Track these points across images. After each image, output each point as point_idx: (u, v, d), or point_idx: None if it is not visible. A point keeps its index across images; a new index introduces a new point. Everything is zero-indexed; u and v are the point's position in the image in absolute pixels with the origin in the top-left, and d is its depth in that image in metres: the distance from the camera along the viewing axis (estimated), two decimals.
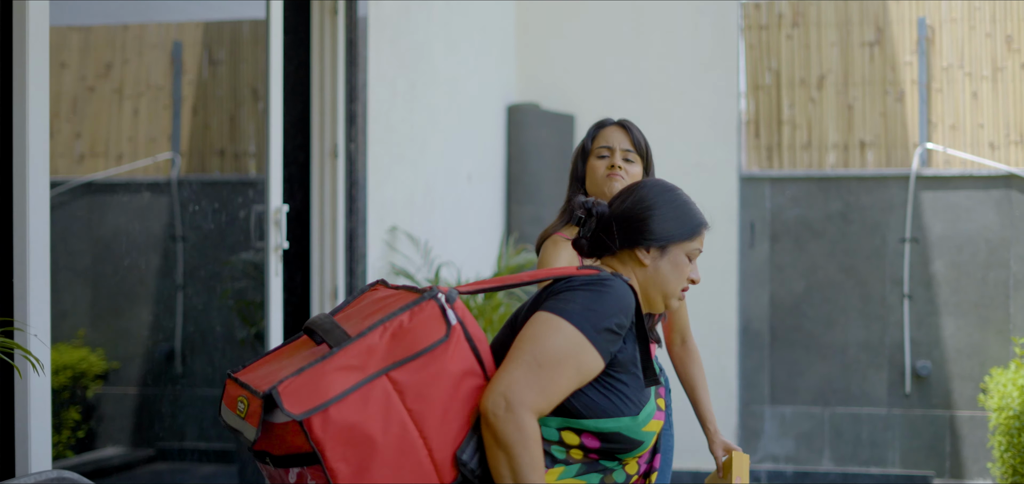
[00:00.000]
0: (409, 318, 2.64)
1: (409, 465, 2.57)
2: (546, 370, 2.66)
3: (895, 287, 8.28)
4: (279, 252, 5.16)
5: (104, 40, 6.05)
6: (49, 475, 3.21)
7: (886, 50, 8.60)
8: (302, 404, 2.50)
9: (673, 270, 2.97)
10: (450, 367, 2.63)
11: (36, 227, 3.35)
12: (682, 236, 2.97)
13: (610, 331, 2.72)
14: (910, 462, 8.19)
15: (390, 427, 2.55)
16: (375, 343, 2.61)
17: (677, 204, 3.01)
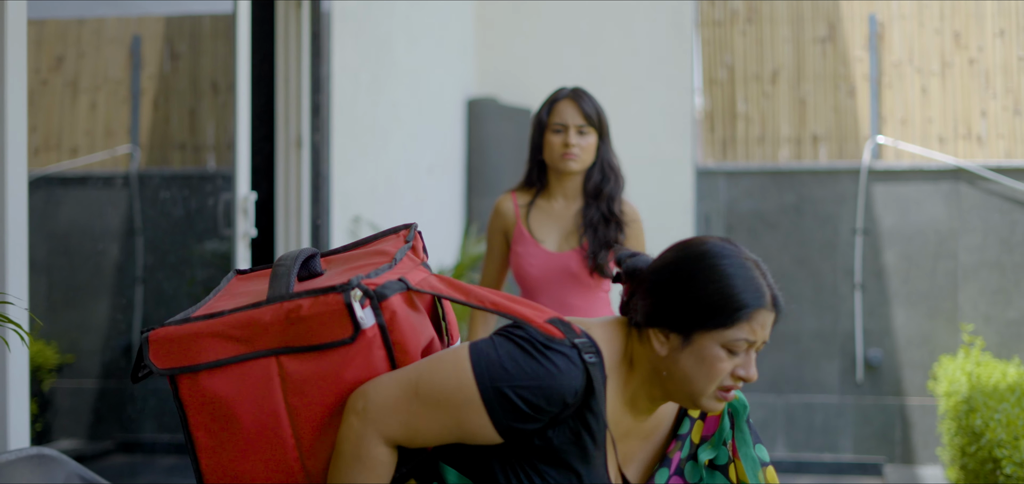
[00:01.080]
0: (311, 304, 2.29)
1: (273, 461, 2.31)
2: (419, 403, 2.24)
3: (847, 278, 8.42)
4: (247, 240, 5.24)
5: (56, 34, 6.05)
6: (29, 452, 3.27)
7: (838, 46, 8.74)
8: (168, 359, 2.32)
9: (698, 365, 2.27)
10: (345, 374, 2.29)
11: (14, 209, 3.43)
12: (712, 323, 2.26)
13: (511, 402, 2.21)
14: (862, 448, 8.33)
15: (261, 414, 2.30)
16: (265, 319, 2.31)
17: (713, 278, 2.29)
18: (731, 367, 2.27)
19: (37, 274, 5.85)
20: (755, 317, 2.27)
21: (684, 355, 2.27)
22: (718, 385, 2.28)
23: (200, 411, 2.31)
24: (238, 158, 5.22)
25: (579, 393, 2.23)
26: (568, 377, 2.21)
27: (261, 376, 2.30)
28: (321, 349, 2.29)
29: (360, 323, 2.27)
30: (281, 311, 2.30)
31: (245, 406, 2.30)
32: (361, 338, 2.28)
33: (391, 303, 2.31)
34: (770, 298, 2.31)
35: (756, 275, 2.31)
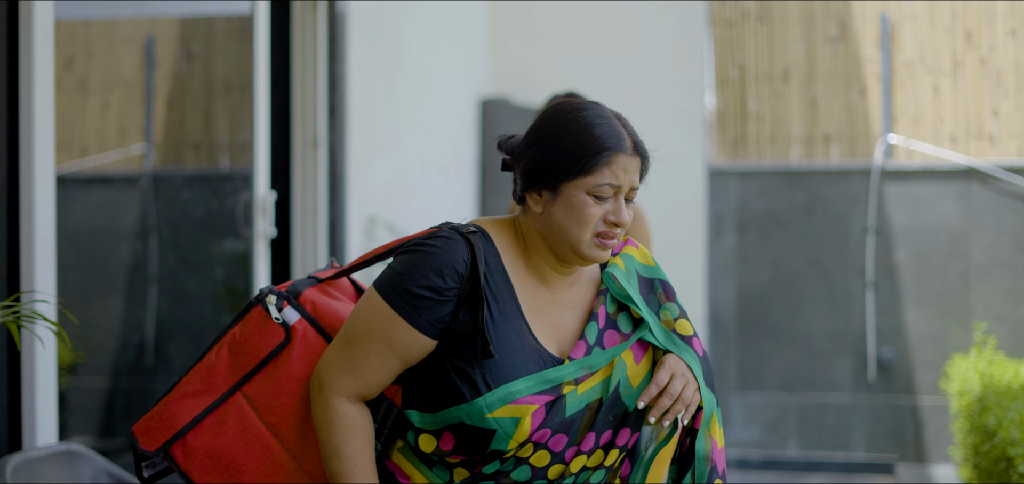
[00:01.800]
0: (241, 329, 2.47)
1: (279, 479, 2.42)
2: (354, 347, 2.35)
3: (859, 277, 8.43)
4: (266, 240, 5.26)
5: (66, 35, 6.07)
6: (58, 448, 3.31)
7: (849, 46, 8.76)
8: (156, 440, 2.44)
9: (569, 215, 2.36)
10: (297, 371, 2.43)
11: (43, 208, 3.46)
12: (574, 172, 2.36)
13: (414, 295, 2.31)
14: (874, 447, 8.34)
15: (250, 446, 2.42)
16: (214, 362, 2.45)
17: (566, 131, 2.40)
18: (601, 213, 2.36)
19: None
20: (614, 161, 2.36)
21: (556, 209, 2.37)
22: (593, 232, 2.36)
23: (202, 470, 2.44)
24: (257, 158, 5.25)
25: (468, 262, 2.33)
26: (451, 250, 2.33)
27: (235, 413, 2.43)
28: (268, 362, 2.44)
29: (286, 322, 2.44)
30: (223, 347, 2.46)
31: (236, 446, 2.42)
32: (294, 335, 2.44)
33: (307, 295, 2.49)
34: (630, 144, 2.40)
35: (614, 123, 2.41)
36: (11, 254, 3.49)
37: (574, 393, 2.37)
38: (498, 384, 2.31)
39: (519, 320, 2.39)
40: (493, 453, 2.33)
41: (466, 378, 2.32)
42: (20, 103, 3.49)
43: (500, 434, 2.30)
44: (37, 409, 3.44)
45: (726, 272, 8.59)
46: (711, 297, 8.54)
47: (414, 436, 2.40)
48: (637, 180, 2.41)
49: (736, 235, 8.61)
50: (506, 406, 2.30)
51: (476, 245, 2.36)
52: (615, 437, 2.41)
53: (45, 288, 3.46)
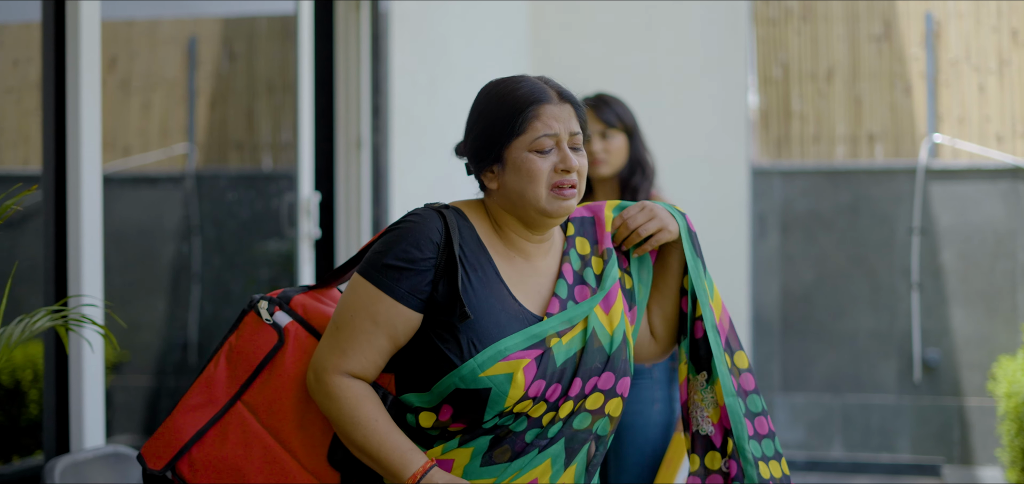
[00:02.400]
0: (236, 338, 2.55)
1: (281, 481, 2.47)
2: (342, 331, 2.42)
3: (904, 277, 8.38)
4: (311, 241, 5.27)
5: (108, 35, 6.12)
6: (105, 450, 3.32)
7: (894, 44, 8.70)
8: (161, 458, 2.50)
9: (519, 177, 2.47)
10: (293, 371, 2.50)
11: (89, 210, 3.46)
12: (509, 136, 2.48)
13: (392, 268, 2.41)
14: (920, 449, 8.29)
15: (252, 452, 2.47)
16: (213, 374, 2.53)
17: (493, 105, 2.51)
18: (549, 166, 2.47)
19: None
20: (542, 112, 2.47)
21: (507, 176, 2.47)
22: (546, 186, 2.47)
23: (209, 482, 2.48)
24: (301, 159, 5.25)
25: (442, 232, 2.43)
26: (425, 223, 2.43)
27: (237, 422, 2.50)
28: (264, 366, 2.50)
29: (277, 324, 2.52)
30: (220, 358, 2.54)
31: (238, 453, 2.48)
32: (287, 336, 2.51)
33: (297, 300, 2.57)
34: (554, 94, 2.51)
35: (535, 81, 2.52)
36: (58, 256, 3.50)
37: (560, 344, 2.46)
38: (486, 345, 2.39)
39: (499, 285, 2.48)
40: (495, 412, 2.40)
41: (454, 345, 2.39)
42: (67, 105, 3.50)
43: (496, 392, 2.38)
44: (85, 411, 3.44)
45: (769, 272, 8.55)
46: (754, 298, 8.50)
47: (414, 417, 2.45)
48: (575, 126, 2.51)
49: (780, 235, 8.57)
50: (498, 364, 2.38)
51: (449, 217, 2.47)
52: (598, 381, 2.50)
53: (92, 290, 3.46)
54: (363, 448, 2.40)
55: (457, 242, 2.44)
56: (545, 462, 2.46)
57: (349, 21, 5.70)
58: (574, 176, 2.49)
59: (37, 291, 3.66)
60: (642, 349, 2.75)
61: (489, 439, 2.43)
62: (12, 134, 4.87)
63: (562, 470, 2.48)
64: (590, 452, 2.54)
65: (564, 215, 2.51)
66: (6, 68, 4.77)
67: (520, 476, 2.44)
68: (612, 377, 2.52)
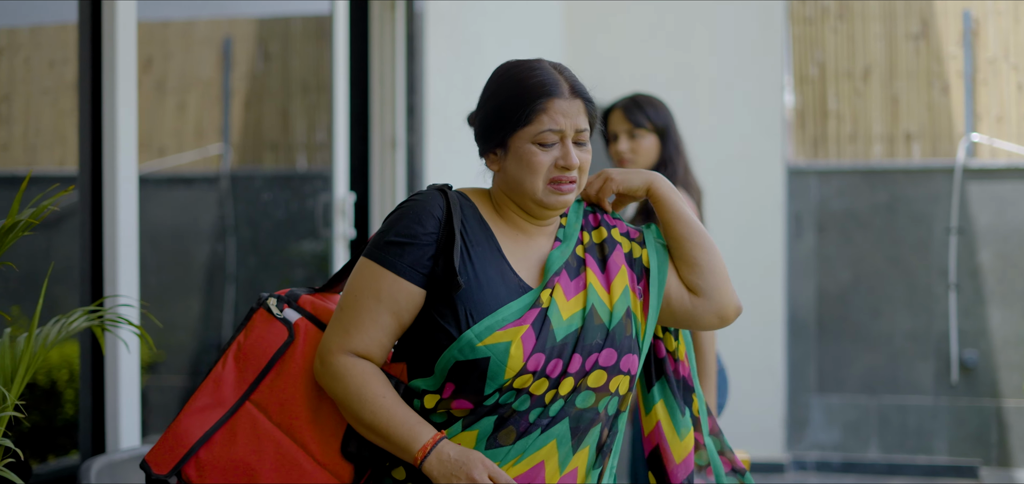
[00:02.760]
0: (245, 337, 2.53)
1: (295, 477, 2.45)
2: (347, 311, 2.43)
3: (941, 277, 8.32)
4: (346, 241, 5.27)
5: (143, 36, 6.15)
6: (141, 450, 3.33)
7: (931, 42, 8.64)
8: (167, 462, 2.47)
9: (520, 166, 2.47)
10: (303, 366, 2.49)
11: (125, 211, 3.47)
12: (515, 125, 2.48)
13: (393, 244, 2.43)
14: (957, 451, 8.23)
15: (264, 450, 2.45)
16: (221, 374, 2.51)
17: (504, 88, 2.52)
18: (550, 160, 2.46)
19: None
20: (551, 107, 2.46)
21: (509, 163, 2.48)
22: (545, 179, 2.47)
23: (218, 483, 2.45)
24: (336, 159, 5.26)
25: (443, 208, 2.45)
26: (426, 200, 2.46)
27: (246, 421, 2.47)
28: (274, 363, 2.49)
29: (288, 320, 2.51)
30: (228, 358, 2.51)
31: (249, 452, 2.45)
32: (297, 332, 2.50)
33: (305, 298, 2.57)
34: (566, 88, 2.50)
35: (549, 72, 2.51)
36: (95, 257, 3.51)
37: (559, 316, 2.45)
38: (483, 316, 2.40)
39: (500, 260, 2.49)
40: (495, 386, 2.39)
41: (452, 318, 2.40)
42: (103, 106, 3.51)
43: (494, 361, 2.37)
44: (121, 412, 3.45)
45: (805, 272, 8.51)
46: (790, 298, 8.46)
47: (420, 401, 2.45)
48: (582, 123, 2.50)
49: (816, 235, 8.53)
50: (495, 333, 2.38)
51: (450, 195, 2.49)
52: (599, 358, 2.47)
53: (128, 291, 3.47)
54: (371, 426, 2.40)
55: (458, 218, 2.46)
56: (550, 443, 2.44)
57: (384, 21, 5.70)
58: (574, 173, 2.49)
59: (73, 291, 3.67)
60: (690, 312, 2.64)
61: (493, 420, 2.42)
62: (48, 135, 4.90)
63: (571, 453, 2.47)
64: (602, 436, 2.52)
65: (561, 209, 2.53)
66: (42, 69, 4.79)
67: (524, 458, 2.43)
68: (614, 353, 2.49)
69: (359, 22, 5.72)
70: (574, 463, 2.48)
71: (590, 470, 2.51)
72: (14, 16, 4.74)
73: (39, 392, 4.31)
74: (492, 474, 2.37)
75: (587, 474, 2.51)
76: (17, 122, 4.83)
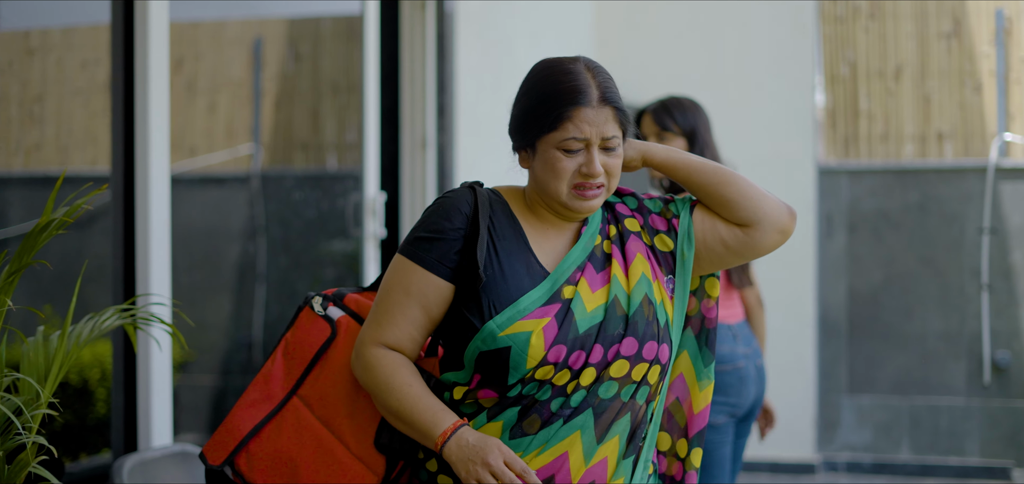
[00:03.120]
0: (293, 334, 2.64)
1: (332, 469, 2.54)
2: (380, 305, 2.51)
3: (973, 278, 8.27)
4: (376, 241, 5.28)
5: (175, 37, 6.17)
6: (172, 448, 3.34)
7: (963, 42, 8.60)
8: (221, 453, 2.60)
9: (545, 170, 2.49)
10: (342, 361, 2.58)
11: (157, 210, 3.49)
12: (541, 130, 2.49)
13: (423, 240, 2.49)
14: (989, 452, 8.18)
15: (304, 442, 2.55)
16: (271, 370, 2.63)
17: (535, 91, 2.53)
18: (574, 166, 2.47)
19: None
20: (577, 115, 2.45)
21: (536, 164, 2.50)
22: (569, 185, 2.48)
23: (265, 474, 2.58)
24: (367, 159, 5.27)
25: (472, 204, 2.50)
26: (456, 197, 2.51)
27: (292, 414, 2.58)
28: (318, 359, 2.59)
29: (330, 317, 2.61)
30: (277, 354, 2.63)
31: (292, 445, 2.56)
32: (339, 328, 2.60)
33: (350, 297, 2.67)
34: (596, 96, 2.49)
35: (581, 77, 2.49)
36: (127, 256, 3.52)
37: (583, 308, 2.49)
38: (506, 306, 2.44)
39: (527, 253, 2.53)
40: (518, 376, 2.43)
41: (477, 310, 2.44)
42: (136, 106, 3.52)
43: (516, 351, 2.41)
44: (153, 410, 3.47)
45: (837, 273, 8.48)
46: (821, 298, 8.43)
47: (450, 394, 2.51)
48: (609, 131, 2.49)
49: (847, 235, 8.50)
50: (516, 323, 2.43)
51: (479, 191, 2.54)
52: (620, 348, 2.49)
53: (160, 290, 3.49)
54: (397, 413, 2.46)
55: (485, 213, 2.50)
56: (573, 434, 2.47)
57: (414, 21, 5.71)
58: (599, 179, 2.50)
59: (105, 291, 3.69)
60: (749, 244, 2.62)
61: (517, 410, 2.46)
62: (81, 135, 4.92)
63: (596, 444, 2.49)
64: (633, 425, 2.53)
65: (586, 213, 2.54)
66: (75, 70, 4.82)
67: (548, 448, 2.47)
68: (635, 342, 2.50)
69: (390, 22, 5.73)
70: (602, 454, 2.49)
71: (621, 460, 2.52)
72: (47, 17, 4.77)
73: (71, 391, 4.34)
74: (508, 460, 2.40)
75: (618, 464, 2.52)
76: (49, 122, 4.86)
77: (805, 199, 8.28)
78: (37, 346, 2.47)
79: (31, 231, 2.43)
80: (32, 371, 2.43)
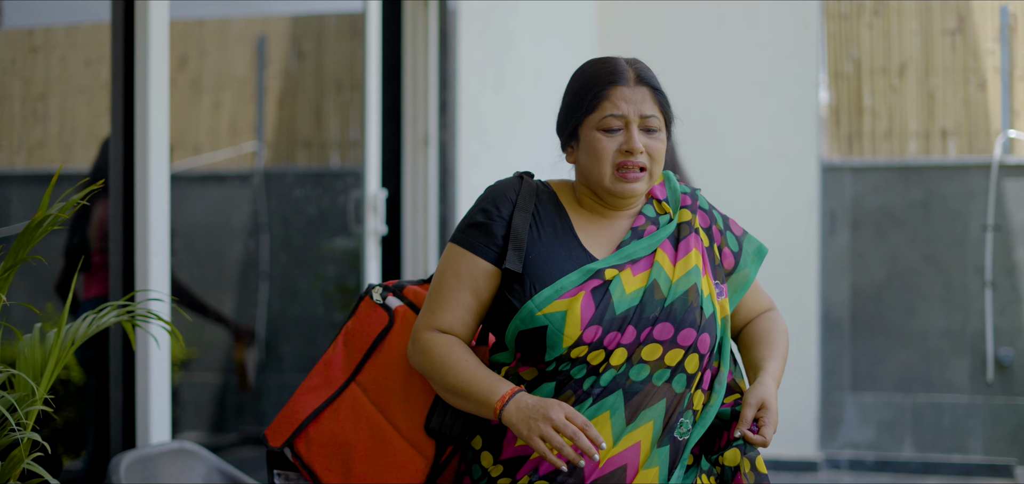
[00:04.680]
0: (354, 322, 2.74)
1: (385, 453, 2.61)
2: (433, 292, 2.60)
3: (977, 275, 8.26)
4: (377, 237, 5.28)
5: (179, 34, 6.16)
6: (171, 445, 3.34)
7: (968, 38, 8.58)
8: (281, 436, 2.70)
9: (589, 155, 2.59)
10: (398, 348, 2.68)
11: (157, 208, 3.49)
12: (582, 113, 2.61)
13: (474, 226, 2.59)
14: (993, 450, 8.17)
15: (359, 426, 2.63)
16: (331, 356, 2.73)
17: (576, 81, 2.67)
18: (615, 146, 2.56)
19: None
20: (613, 93, 2.57)
21: (581, 153, 2.60)
22: (611, 166, 2.56)
23: (322, 457, 2.66)
24: (368, 156, 5.27)
25: (518, 191, 2.60)
26: (504, 185, 2.62)
27: (349, 401, 2.66)
28: (376, 345, 2.67)
29: (389, 306, 2.70)
30: (339, 341, 2.72)
31: (347, 428, 2.64)
32: (396, 317, 2.69)
33: (410, 288, 2.76)
34: (631, 75, 2.62)
35: (617, 62, 2.63)
36: (126, 253, 3.53)
37: (622, 290, 2.54)
38: (540, 286, 2.52)
39: (571, 237, 2.61)
40: (554, 354, 2.50)
41: (518, 291, 2.53)
42: (136, 104, 3.53)
43: (552, 330, 2.48)
44: (151, 407, 3.47)
45: (840, 270, 8.47)
46: (824, 295, 8.42)
47: (496, 371, 2.60)
48: (647, 109, 2.61)
49: (850, 232, 8.48)
50: (554, 302, 2.50)
51: (526, 179, 2.65)
52: (653, 331, 2.54)
53: (159, 287, 3.49)
54: (455, 389, 2.53)
55: (532, 199, 2.61)
56: (603, 414, 2.52)
57: (417, 18, 5.71)
58: (641, 158, 2.58)
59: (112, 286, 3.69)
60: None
61: (553, 386, 2.53)
62: (84, 133, 4.92)
63: (625, 426, 2.53)
64: (669, 412, 2.55)
65: (631, 196, 2.62)
66: (78, 68, 4.82)
67: None
68: (670, 327, 2.55)
69: (392, 19, 5.73)
70: (634, 438, 2.53)
71: (656, 447, 2.54)
72: (50, 15, 4.77)
73: (74, 387, 4.34)
74: (569, 414, 2.44)
75: (652, 450, 2.54)
76: (53, 120, 4.86)
77: (808, 196, 8.27)
78: (33, 343, 2.48)
79: (26, 227, 2.44)
80: (27, 368, 2.44)
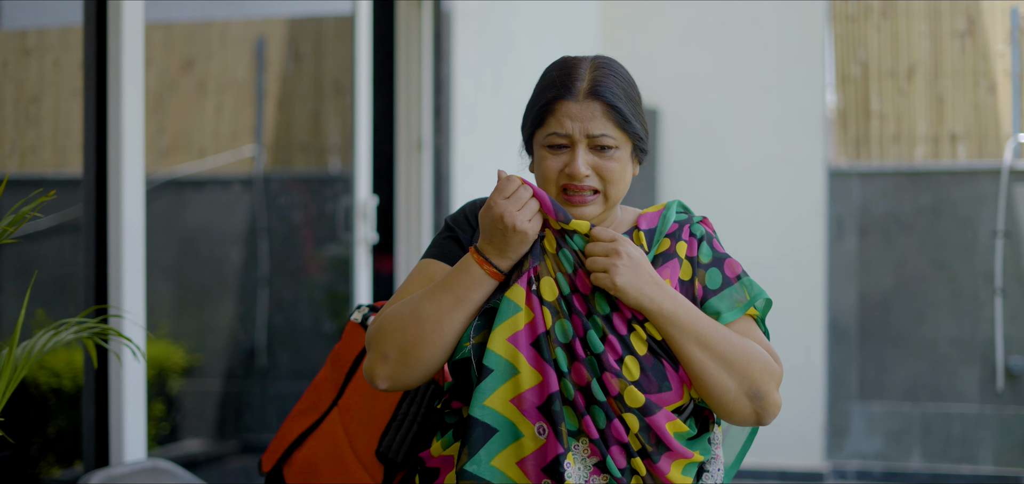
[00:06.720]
0: (339, 345, 2.65)
1: (340, 474, 2.55)
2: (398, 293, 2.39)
3: (987, 282, 8.19)
4: (367, 246, 5.21)
5: (185, 36, 6.13)
6: (144, 464, 3.25)
7: (977, 41, 8.51)
8: (270, 461, 2.69)
9: (538, 169, 2.36)
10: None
11: (130, 218, 3.40)
12: (531, 126, 2.37)
13: (440, 237, 2.42)
14: (1003, 460, 8.10)
15: (327, 450, 2.59)
16: (321, 379, 2.67)
17: (536, 85, 2.40)
18: (559, 166, 2.30)
19: (165, 275, 5.91)
20: (558, 109, 2.29)
21: (535, 166, 2.38)
22: (557, 186, 2.32)
23: (297, 478, 2.66)
24: (358, 162, 5.20)
25: (477, 208, 2.43)
26: (471, 204, 2.46)
27: (327, 423, 2.63)
28: (356, 366, 2.58)
29: (367, 326, 2.55)
30: (327, 363, 2.66)
31: (317, 451, 2.61)
32: None
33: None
34: (581, 89, 2.30)
35: (571, 71, 2.33)
36: (99, 265, 3.44)
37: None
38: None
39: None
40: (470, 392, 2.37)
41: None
42: (108, 109, 3.44)
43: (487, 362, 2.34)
44: (125, 424, 3.38)
45: (847, 276, 8.40)
46: (831, 302, 8.36)
47: (438, 401, 2.46)
48: (596, 128, 2.30)
49: (857, 238, 8.42)
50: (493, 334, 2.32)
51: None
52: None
53: (133, 300, 3.39)
54: (439, 304, 2.25)
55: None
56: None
57: (410, 20, 5.64)
58: (584, 181, 2.31)
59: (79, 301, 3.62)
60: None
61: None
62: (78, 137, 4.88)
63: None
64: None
65: (582, 219, 2.32)
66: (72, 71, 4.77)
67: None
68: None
69: (385, 22, 5.67)
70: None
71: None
72: (43, 17, 4.73)
73: (65, 396, 4.28)
74: (511, 193, 2.27)
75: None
76: (46, 123, 4.81)
77: (815, 201, 8.23)
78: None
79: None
80: None
